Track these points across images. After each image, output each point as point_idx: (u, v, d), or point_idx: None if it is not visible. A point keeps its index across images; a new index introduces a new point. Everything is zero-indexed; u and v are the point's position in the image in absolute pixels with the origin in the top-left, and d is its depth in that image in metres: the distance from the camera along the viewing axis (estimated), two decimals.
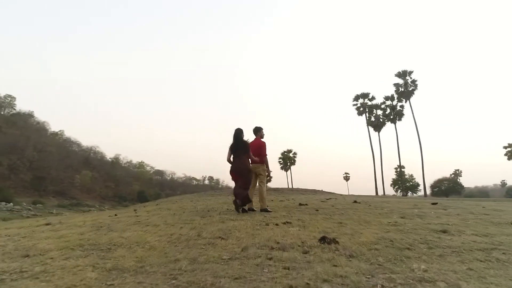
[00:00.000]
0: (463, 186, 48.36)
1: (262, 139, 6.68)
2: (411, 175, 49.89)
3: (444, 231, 3.44)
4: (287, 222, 4.26)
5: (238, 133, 6.44)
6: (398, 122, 42.75)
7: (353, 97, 45.57)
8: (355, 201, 9.12)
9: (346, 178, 66.66)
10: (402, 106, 42.31)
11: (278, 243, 2.82)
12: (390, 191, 51.14)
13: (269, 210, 6.20)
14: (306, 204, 8.20)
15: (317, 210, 6.37)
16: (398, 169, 46.73)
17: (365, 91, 45.37)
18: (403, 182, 47.42)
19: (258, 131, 6.67)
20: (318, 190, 21.31)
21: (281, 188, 23.71)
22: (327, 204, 8.12)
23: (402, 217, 5.02)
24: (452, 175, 50.69)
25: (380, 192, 40.74)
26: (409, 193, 47.17)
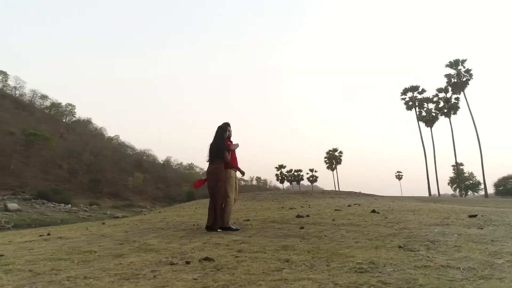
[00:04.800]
0: None
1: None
2: (471, 173, 44.52)
3: None
4: (208, 259, 2.92)
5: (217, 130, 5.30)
6: (452, 116, 38.26)
7: (401, 90, 41.81)
8: (373, 211, 7.43)
9: (399, 177, 62.42)
10: (457, 99, 37.73)
11: None
12: (448, 190, 46.53)
13: (233, 228, 4.91)
14: (308, 216, 6.76)
15: (301, 228, 4.94)
16: (456, 167, 42.02)
17: (414, 84, 41.33)
18: (461, 180, 42.54)
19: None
20: (355, 193, 19.32)
21: (309, 191, 21.98)
22: (331, 216, 6.57)
23: (401, 247, 3.44)
24: None
25: (434, 192, 36.90)
26: (469, 193, 42.21)
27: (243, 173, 5.54)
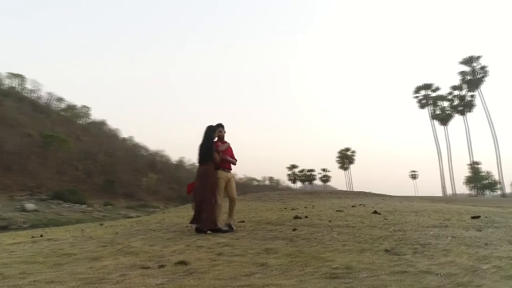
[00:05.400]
0: None
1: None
2: (488, 172, 43.17)
3: None
4: (183, 263, 2.87)
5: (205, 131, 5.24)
6: (468, 114, 37.29)
7: (414, 89, 41.00)
8: (375, 212, 7.27)
9: (413, 177, 61.23)
10: (472, 96, 36.72)
11: None
12: (464, 189, 45.35)
13: (224, 229, 4.88)
14: (306, 217, 6.65)
15: (293, 230, 4.85)
16: (472, 166, 40.87)
17: (427, 82, 40.43)
18: (478, 180, 41.33)
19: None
20: (365, 193, 19.02)
21: (317, 191, 21.75)
22: (330, 217, 6.45)
23: (387, 250, 3.33)
24: None
25: (449, 192, 36.08)
26: (487, 192, 40.97)
27: (233, 163, 5.48)
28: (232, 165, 5.59)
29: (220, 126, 5.34)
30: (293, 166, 77.52)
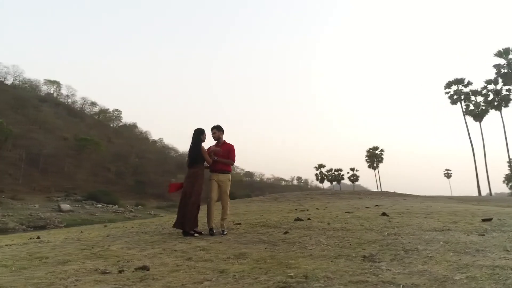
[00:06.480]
0: None
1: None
2: None
3: None
4: (143, 268, 2.83)
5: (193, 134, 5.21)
6: (504, 109, 35.04)
7: (445, 84, 39.06)
8: (383, 213, 6.95)
9: (447, 175, 58.50)
10: (508, 90, 34.47)
11: None
12: (504, 188, 42.83)
13: (213, 231, 4.83)
14: (309, 219, 6.45)
15: (285, 233, 4.72)
16: (510, 163, 38.43)
17: (459, 77, 38.41)
18: None
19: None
20: (389, 192, 18.37)
21: (338, 191, 21.21)
22: (332, 219, 6.23)
23: (365, 257, 3.14)
24: None
25: (485, 191, 34.12)
26: None
27: (230, 163, 5.40)
28: (230, 165, 5.54)
29: (214, 128, 5.30)
30: (320, 166, 76.23)
